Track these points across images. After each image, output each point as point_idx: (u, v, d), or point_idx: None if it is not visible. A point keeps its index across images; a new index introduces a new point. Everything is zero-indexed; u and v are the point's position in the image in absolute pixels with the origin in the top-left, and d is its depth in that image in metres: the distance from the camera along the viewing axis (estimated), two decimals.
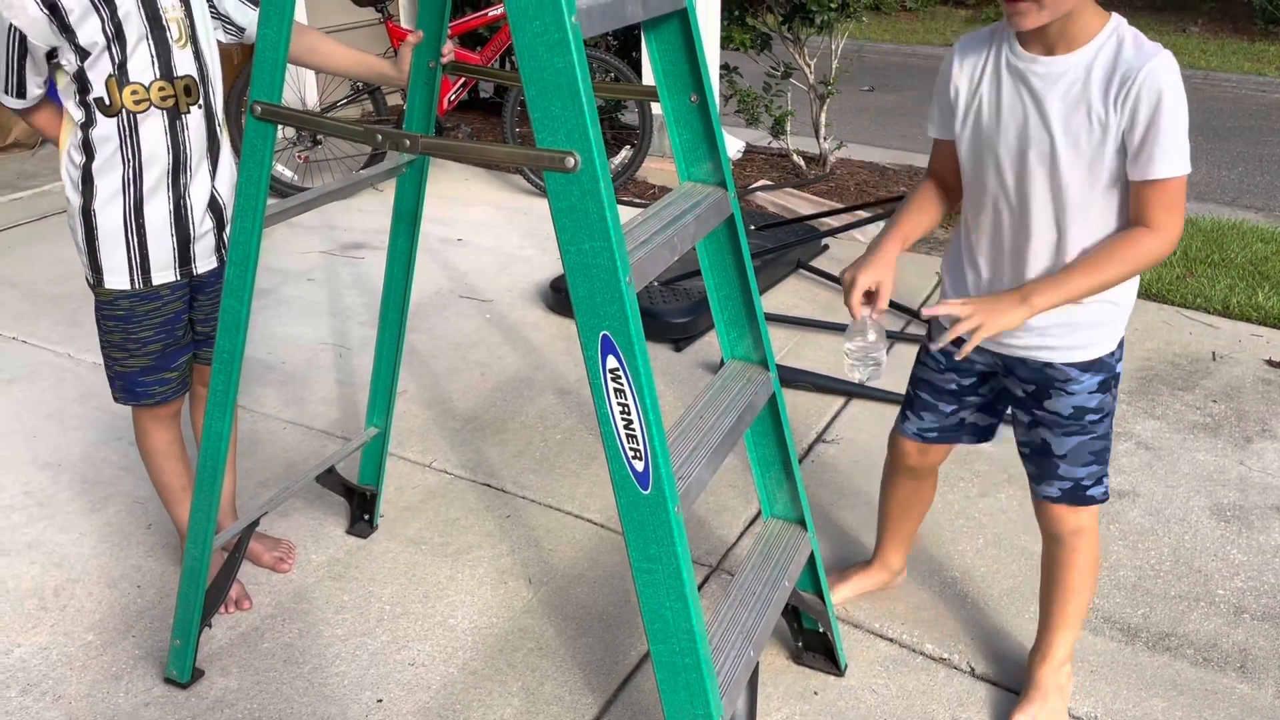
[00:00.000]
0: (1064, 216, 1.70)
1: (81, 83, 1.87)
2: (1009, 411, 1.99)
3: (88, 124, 1.90)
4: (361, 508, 2.56)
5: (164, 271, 2.04)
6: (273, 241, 4.43)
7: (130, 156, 1.92)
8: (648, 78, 5.04)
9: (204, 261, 2.09)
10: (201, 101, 1.96)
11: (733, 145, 5.70)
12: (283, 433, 3.03)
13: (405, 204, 2.18)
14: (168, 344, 2.08)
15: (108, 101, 1.88)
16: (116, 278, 2.01)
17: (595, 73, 5.34)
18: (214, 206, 2.06)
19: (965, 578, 2.43)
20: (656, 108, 4.89)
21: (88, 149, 1.92)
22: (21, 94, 1.92)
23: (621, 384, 1.47)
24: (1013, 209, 1.75)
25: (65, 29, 1.82)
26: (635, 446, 1.50)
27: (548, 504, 2.70)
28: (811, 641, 2.17)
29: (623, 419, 1.49)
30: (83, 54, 1.85)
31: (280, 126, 1.71)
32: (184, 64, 1.93)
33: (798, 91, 5.67)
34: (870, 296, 1.82)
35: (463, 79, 5.32)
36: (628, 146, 5.27)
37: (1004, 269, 1.81)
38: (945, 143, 1.87)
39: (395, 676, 2.12)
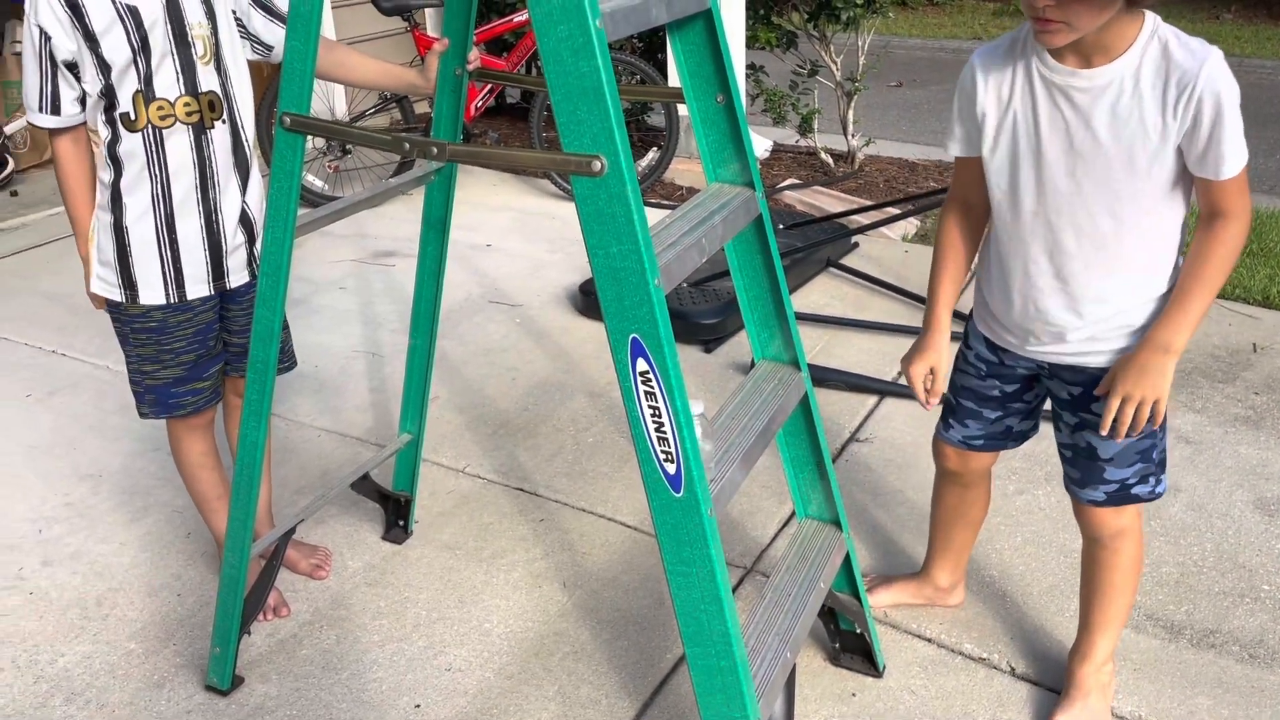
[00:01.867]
0: (1121, 225, 1.65)
1: (109, 99, 1.89)
2: (1051, 410, 1.95)
3: (114, 140, 1.92)
4: (396, 514, 2.57)
5: (198, 285, 2.06)
6: (305, 251, 4.47)
7: (157, 172, 1.94)
8: (673, 79, 5.03)
9: (237, 276, 2.10)
10: (226, 117, 1.98)
11: (760, 144, 5.68)
12: (317, 440, 3.05)
13: (434, 211, 2.19)
14: (200, 354, 2.10)
15: (133, 116, 1.90)
16: (151, 293, 2.03)
17: (620, 75, 5.34)
18: (245, 221, 2.08)
19: (1003, 576, 2.40)
20: (683, 109, 4.88)
21: (115, 164, 1.94)
22: (56, 110, 1.93)
23: (652, 386, 1.47)
24: (1060, 225, 1.69)
25: (89, 37, 1.84)
26: (667, 449, 1.49)
27: (580, 507, 2.70)
28: (849, 643, 2.15)
29: (654, 422, 1.49)
30: (106, 68, 1.87)
31: (310, 137, 1.72)
32: (208, 80, 1.95)
33: (825, 89, 5.64)
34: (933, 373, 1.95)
35: (489, 85, 5.34)
36: (654, 148, 5.27)
37: (1046, 282, 1.74)
38: (972, 160, 1.81)
39: (432, 682, 2.12)
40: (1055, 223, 1.70)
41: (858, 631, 2.12)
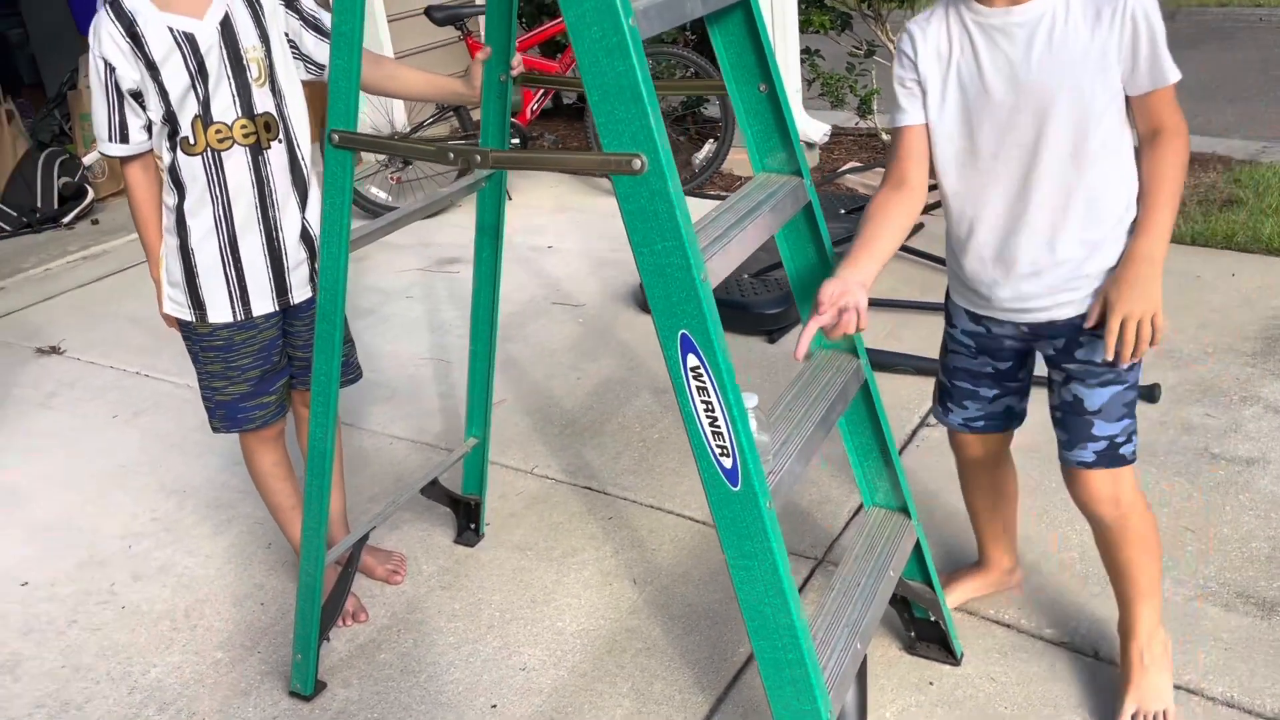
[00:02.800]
0: (1080, 153, 1.66)
1: (172, 125, 1.95)
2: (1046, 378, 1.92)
3: (175, 164, 1.98)
4: (467, 517, 2.61)
5: (262, 301, 2.11)
6: (372, 262, 4.56)
7: (219, 193, 2.00)
8: None
9: (299, 292, 2.15)
10: (282, 136, 2.03)
11: (818, 129, 5.61)
12: (389, 448, 3.11)
13: (486, 218, 2.21)
14: (265, 369, 2.16)
15: (192, 141, 1.95)
16: (219, 312, 2.09)
17: (675, 69, 5.33)
18: (306, 238, 2.13)
19: (1083, 557, 2.34)
20: None
21: (179, 188, 2.00)
22: (125, 138, 1.99)
23: (704, 381, 1.47)
24: (1023, 160, 1.70)
25: (150, 65, 1.90)
26: (722, 444, 1.49)
27: (649, 504, 2.70)
28: (924, 631, 2.12)
29: (707, 417, 1.48)
30: (166, 95, 1.92)
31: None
32: (263, 102, 1.99)
33: (882, 69, 5.54)
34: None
35: (543, 88, 5.38)
36: (711, 140, 5.25)
37: (1016, 223, 1.74)
38: (916, 130, 1.78)
39: (507, 682, 2.15)
40: (1018, 159, 1.70)
41: (932, 619, 2.09)
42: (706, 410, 1.48)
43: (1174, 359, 3.13)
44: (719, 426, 1.48)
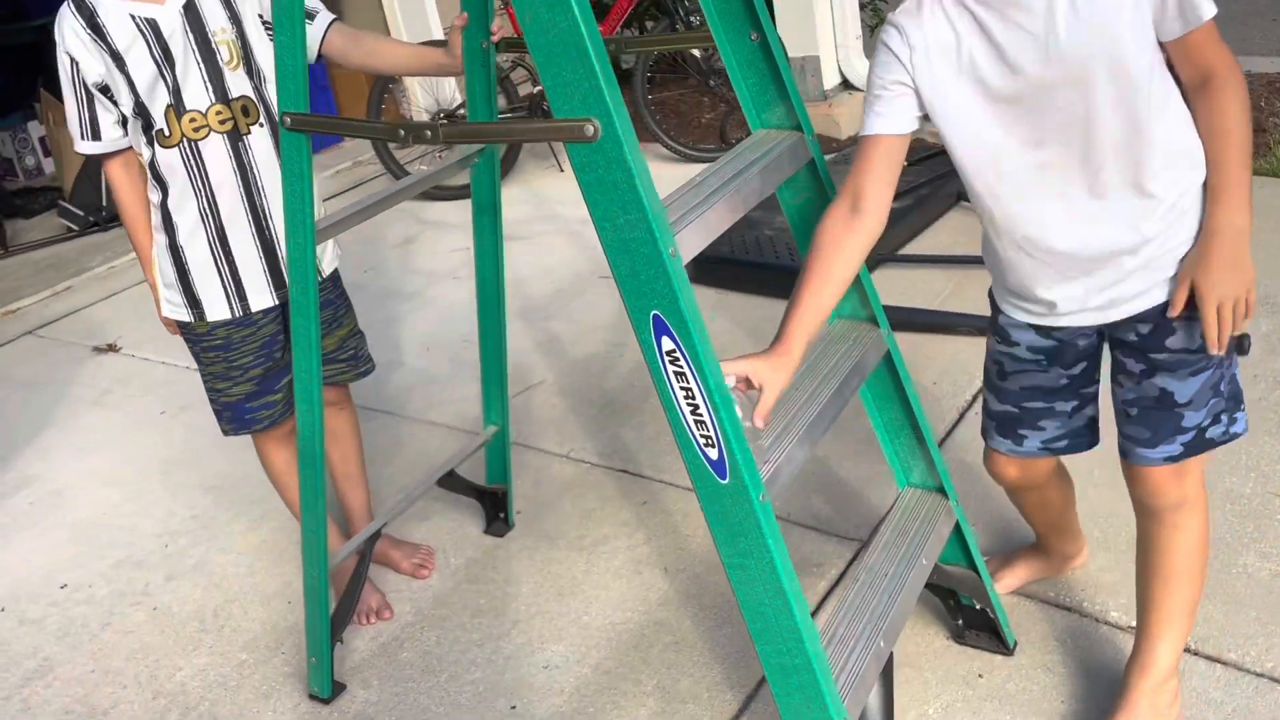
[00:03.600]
0: (1141, 121, 1.41)
1: (145, 118, 1.88)
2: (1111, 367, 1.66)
3: (154, 159, 1.91)
4: (495, 507, 2.52)
5: (260, 296, 2.04)
6: (418, 244, 4.50)
7: (201, 186, 1.92)
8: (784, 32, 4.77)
9: None
10: (264, 120, 1.94)
11: None
12: (427, 435, 3.04)
13: (482, 195, 2.10)
14: (268, 367, 2.09)
15: (167, 133, 1.88)
16: (216, 309, 2.02)
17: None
18: None
19: None
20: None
21: (160, 184, 1.93)
22: (97, 134, 1.92)
23: (681, 366, 1.33)
24: (1076, 140, 1.44)
25: (115, 56, 1.83)
26: (705, 433, 1.35)
27: (685, 486, 2.57)
28: (972, 619, 1.95)
29: (688, 405, 1.35)
30: (134, 86, 1.85)
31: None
32: (238, 85, 1.91)
33: None
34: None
35: None
36: None
37: (1089, 208, 1.48)
38: (885, 141, 1.52)
39: (529, 681, 2.06)
40: (1067, 142, 1.45)
41: (979, 607, 1.91)
42: (687, 397, 1.35)
43: (1267, 305, 2.86)
44: (701, 415, 1.35)
